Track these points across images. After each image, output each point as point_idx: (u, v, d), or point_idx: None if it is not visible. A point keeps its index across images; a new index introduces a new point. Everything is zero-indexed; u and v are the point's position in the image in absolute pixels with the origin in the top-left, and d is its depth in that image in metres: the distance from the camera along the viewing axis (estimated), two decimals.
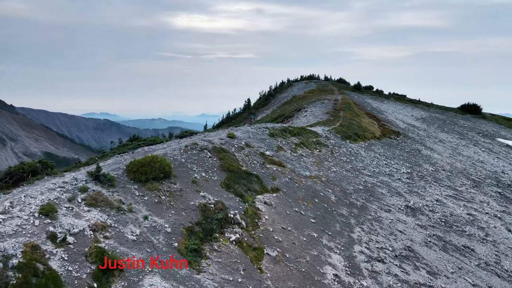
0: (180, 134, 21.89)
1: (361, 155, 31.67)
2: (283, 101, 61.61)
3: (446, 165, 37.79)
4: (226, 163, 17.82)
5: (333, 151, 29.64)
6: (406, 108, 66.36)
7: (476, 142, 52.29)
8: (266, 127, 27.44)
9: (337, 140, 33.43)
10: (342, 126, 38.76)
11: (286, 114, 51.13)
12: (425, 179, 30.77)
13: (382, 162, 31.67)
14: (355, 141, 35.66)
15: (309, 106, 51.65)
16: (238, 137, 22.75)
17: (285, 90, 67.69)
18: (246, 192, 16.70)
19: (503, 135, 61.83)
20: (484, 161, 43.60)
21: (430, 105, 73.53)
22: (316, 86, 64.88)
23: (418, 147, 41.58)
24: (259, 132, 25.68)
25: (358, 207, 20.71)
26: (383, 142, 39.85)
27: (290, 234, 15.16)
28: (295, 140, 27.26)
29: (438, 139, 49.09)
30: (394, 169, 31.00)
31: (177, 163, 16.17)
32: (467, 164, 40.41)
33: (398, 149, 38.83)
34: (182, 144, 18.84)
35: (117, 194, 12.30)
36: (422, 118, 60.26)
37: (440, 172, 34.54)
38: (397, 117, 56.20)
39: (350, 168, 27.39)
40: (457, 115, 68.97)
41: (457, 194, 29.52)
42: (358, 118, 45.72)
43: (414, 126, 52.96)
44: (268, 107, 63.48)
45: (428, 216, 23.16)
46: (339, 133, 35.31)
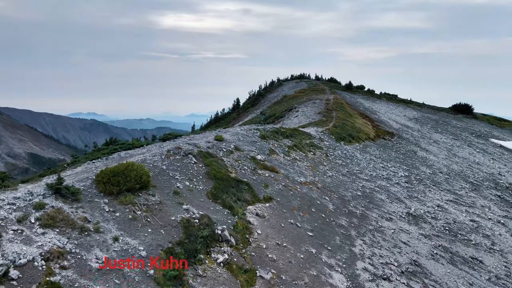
0: (162, 137, 19.91)
1: (357, 157, 30.03)
2: (273, 101, 59.87)
3: (443, 167, 36.42)
4: (213, 170, 15.93)
5: (328, 154, 27.94)
6: (398, 108, 65.19)
7: (470, 143, 51.22)
8: (257, 128, 25.60)
9: (331, 142, 31.75)
10: (336, 127, 37.14)
11: (277, 114, 49.37)
12: (423, 183, 29.27)
13: (378, 165, 30.08)
14: (350, 143, 34.05)
15: (301, 106, 49.98)
16: (227, 139, 20.87)
17: (275, 90, 65.95)
18: (236, 203, 14.83)
19: (496, 135, 61.01)
20: (480, 163, 42.41)
21: (421, 105, 72.55)
22: (307, 86, 63.29)
23: (413, 149, 40.19)
24: (250, 134, 23.83)
25: (358, 216, 19.00)
26: (377, 143, 38.33)
27: (285, 251, 13.34)
28: (288, 143, 25.48)
29: (432, 139, 47.83)
30: (392, 172, 29.44)
31: (157, 171, 14.23)
32: (463, 166, 39.13)
33: (394, 150, 37.35)
34: (164, 148, 16.89)
35: (82, 210, 10.33)
36: (415, 118, 59.08)
37: (438, 175, 33.12)
38: (390, 117, 54.87)
39: (346, 172, 25.71)
40: (449, 115, 68.07)
41: (458, 198, 28.06)
42: (352, 118, 44.17)
43: (408, 127, 51.67)
44: (258, 107, 61.66)
45: (431, 224, 21.57)
46: (333, 134, 33.65)
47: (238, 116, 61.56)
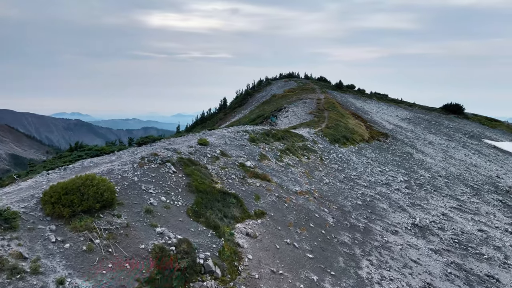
0: (139, 140, 17.39)
1: (353, 161, 27.89)
2: (261, 101, 57.55)
3: (441, 170, 34.60)
4: (196, 181, 13.51)
5: (323, 158, 25.72)
6: (390, 108, 63.56)
7: (464, 144, 49.75)
8: (245, 130, 23.23)
9: (326, 144, 29.56)
10: (329, 128, 34.98)
11: (266, 114, 47.04)
12: (424, 188, 27.29)
13: (376, 169, 27.99)
14: (345, 145, 31.92)
15: (290, 106, 47.76)
16: (212, 143, 18.45)
17: (264, 89, 63.65)
18: (222, 221, 12.44)
19: (488, 135, 59.82)
20: (477, 165, 40.80)
21: (412, 105, 71.14)
22: (296, 85, 61.15)
23: (409, 150, 38.32)
24: (238, 136, 21.44)
25: (361, 230, 16.77)
26: (372, 145, 36.33)
27: (282, 280, 11.01)
28: (280, 146, 23.16)
29: (427, 141, 46.14)
30: (390, 177, 27.38)
31: (126, 184, 11.75)
32: (461, 169, 37.41)
33: (390, 153, 35.38)
34: (138, 155, 14.40)
35: (16, 243, 7.83)
36: (407, 118, 57.46)
37: (437, 178, 31.22)
38: (382, 118, 53.07)
39: (343, 178, 23.51)
40: (441, 115, 66.77)
41: (461, 205, 26.14)
42: (344, 119, 42.13)
43: (401, 127, 49.93)
44: (246, 106, 59.26)
45: (439, 236, 19.49)
46: (326, 136, 31.47)
47: (225, 116, 59.07)
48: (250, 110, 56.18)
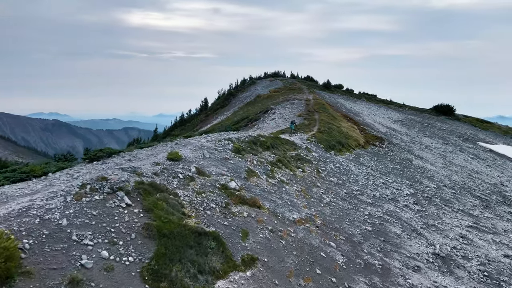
0: (90, 155, 13.27)
1: (353, 172, 24.27)
2: (245, 101, 53.66)
3: (445, 178, 31.40)
4: (158, 219, 9.52)
5: (319, 169, 21.99)
6: (380, 109, 60.57)
7: (461, 148, 46.96)
8: (228, 138, 19.26)
9: (321, 152, 25.87)
10: (322, 132, 31.33)
11: (251, 116, 43.20)
12: (434, 203, 23.88)
13: (379, 181, 24.44)
14: (341, 152, 28.32)
15: (277, 107, 43.99)
16: (186, 158, 14.45)
17: (248, 89, 59.74)
18: (196, 280, 8.51)
19: (482, 138, 57.40)
20: (479, 171, 37.88)
21: (402, 106, 68.44)
22: (282, 84, 57.46)
23: (407, 156, 35.05)
24: (219, 147, 17.48)
25: (378, 270, 13.06)
26: (369, 151, 32.88)
27: None
28: (270, 157, 19.29)
29: (423, 145, 43.08)
30: (396, 190, 23.87)
31: (45, 234, 7.68)
32: (464, 177, 34.34)
33: (388, 160, 31.98)
34: (78, 180, 10.29)
35: None
36: (400, 120, 54.47)
37: (443, 189, 27.94)
38: (374, 120, 49.87)
39: (345, 194, 19.82)
40: (432, 117, 64.25)
41: (477, 222, 22.82)
42: (336, 121, 38.62)
43: (395, 130, 46.78)
44: (229, 108, 55.25)
45: (465, 268, 15.98)
46: (320, 142, 27.78)
47: (206, 118, 54.95)
48: (233, 111, 52.25)
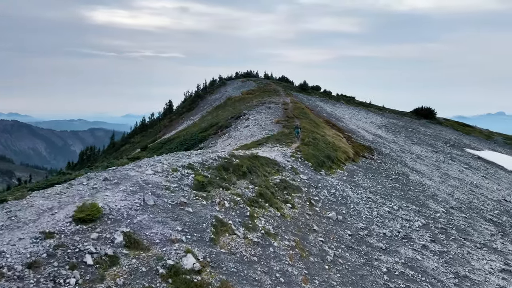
0: None
1: (351, 199, 19.06)
2: (214, 104, 47.84)
3: (448, 197, 26.96)
4: None
5: (312, 200, 16.63)
6: (361, 112, 56.27)
7: (451, 156, 43.12)
8: (189, 165, 13.47)
9: (309, 172, 20.56)
10: (307, 144, 26.06)
11: (221, 122, 37.49)
12: (452, 236, 19.11)
13: (383, 209, 19.39)
14: (331, 170, 23.16)
15: (251, 112, 38.48)
16: (111, 212, 8.60)
17: (217, 90, 53.88)
18: None
19: (467, 144, 54.10)
20: (478, 185, 33.85)
21: (382, 109, 64.57)
22: (256, 85, 52.00)
23: (402, 170, 30.43)
24: (173, 181, 11.71)
25: None
26: (361, 165, 27.97)
27: None
28: (248, 191, 13.71)
29: (414, 154, 38.78)
30: (405, 221, 18.89)
31: None
32: (466, 192, 30.10)
33: (384, 175, 27.16)
34: None
35: None
36: (384, 125, 50.22)
37: (453, 214, 23.35)
38: (358, 125, 45.27)
39: (350, 238, 14.54)
40: (414, 121, 60.72)
41: (506, 262, 18.15)
42: (320, 129, 33.54)
43: (381, 137, 42.30)
44: (196, 111, 49.23)
45: None
46: (307, 159, 22.48)
47: (170, 123, 48.71)
48: (201, 115, 46.33)
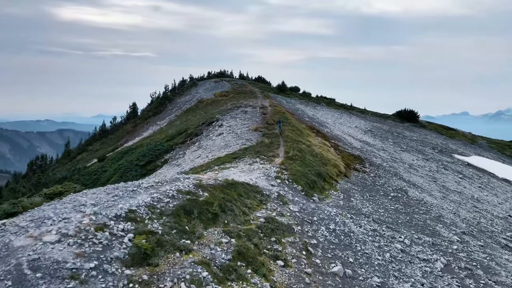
0: None
1: (356, 236, 14.72)
2: (184, 108, 42.82)
3: (455, 217, 23.24)
4: None
5: (309, 248, 12.14)
6: (343, 116, 52.55)
7: (442, 164, 39.88)
8: (129, 212, 8.67)
9: (300, 199, 16.12)
10: (292, 159, 21.62)
11: (190, 129, 32.59)
12: (482, 282, 15.06)
13: (395, 248, 15.17)
14: (324, 193, 18.83)
15: (225, 117, 33.77)
16: None
17: (188, 92, 48.77)
18: None
19: (454, 149, 51.25)
20: (479, 199, 30.47)
21: (364, 112, 61.19)
22: (230, 86, 47.26)
23: (399, 184, 26.55)
24: (92, 253, 6.90)
25: None
26: (355, 182, 23.83)
27: None
28: (221, 251, 9.03)
29: (406, 163, 35.12)
30: (424, 264, 14.74)
31: None
32: (470, 209, 26.58)
33: (382, 194, 23.13)
34: None
35: None
36: (369, 130, 46.57)
37: (469, 243, 19.49)
38: (343, 131, 41.32)
39: None
40: (397, 124, 57.57)
41: None
42: (304, 137, 29.24)
43: (369, 144, 38.48)
44: (163, 115, 44.02)
45: None
46: (296, 180, 18.01)
47: (134, 129, 43.29)
48: (168, 120, 41.21)
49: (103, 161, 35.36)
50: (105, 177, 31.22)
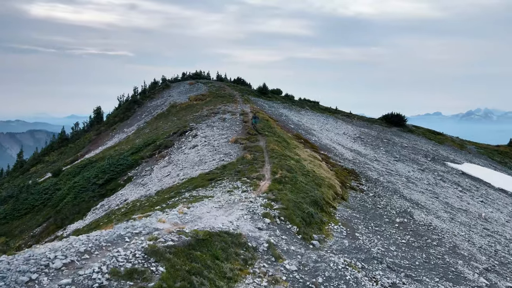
0: None
1: None
2: (155, 113, 38.23)
3: (472, 248, 19.78)
4: None
5: None
6: (329, 121, 48.99)
7: (438, 174, 36.77)
8: None
9: (296, 247, 12.11)
10: (282, 182, 17.59)
11: (160, 140, 28.16)
12: None
13: None
14: (324, 231, 14.90)
15: (201, 126, 29.48)
16: None
17: (160, 95, 44.12)
18: None
19: (445, 155, 48.43)
20: (487, 218, 27.25)
21: (350, 116, 57.85)
22: (207, 89, 42.87)
23: (402, 205, 23.00)
24: None
25: None
26: (355, 206, 20.05)
27: None
28: None
29: (402, 176, 31.69)
30: None
31: None
32: (483, 234, 23.33)
33: (388, 221, 19.42)
34: None
35: None
36: (358, 137, 43.09)
37: (498, 286, 15.91)
38: (331, 139, 37.65)
39: None
40: (385, 129, 54.38)
41: None
42: (291, 149, 25.31)
43: (361, 154, 34.91)
44: (131, 121, 39.27)
45: None
46: (289, 216, 13.95)
47: (98, 137, 38.38)
48: (137, 127, 36.59)
49: (58, 176, 30.52)
50: (57, 197, 26.49)
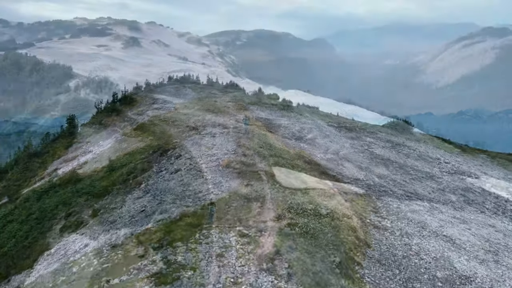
0: None
1: None
2: (135, 124, 33.21)
3: None
4: None
5: None
6: (331, 130, 44.04)
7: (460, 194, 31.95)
8: None
9: None
10: (290, 234, 12.78)
11: (137, 161, 23.18)
12: None
13: None
14: None
15: (186, 143, 24.55)
16: None
17: (142, 101, 39.02)
18: None
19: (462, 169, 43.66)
20: None
21: (352, 123, 53.12)
22: (195, 96, 37.90)
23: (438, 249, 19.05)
24: None
25: None
26: (386, 262, 15.53)
27: None
28: None
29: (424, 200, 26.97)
30: None
31: None
32: None
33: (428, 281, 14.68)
34: None
35: None
36: (366, 149, 38.24)
37: None
38: (338, 153, 32.82)
39: None
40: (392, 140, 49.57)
41: None
42: (297, 177, 20.51)
43: (372, 172, 30.15)
44: (109, 133, 34.12)
45: None
46: None
47: (67, 150, 33.21)
48: (115, 140, 31.55)
49: (15, 201, 25.46)
50: (7, 232, 21.45)
